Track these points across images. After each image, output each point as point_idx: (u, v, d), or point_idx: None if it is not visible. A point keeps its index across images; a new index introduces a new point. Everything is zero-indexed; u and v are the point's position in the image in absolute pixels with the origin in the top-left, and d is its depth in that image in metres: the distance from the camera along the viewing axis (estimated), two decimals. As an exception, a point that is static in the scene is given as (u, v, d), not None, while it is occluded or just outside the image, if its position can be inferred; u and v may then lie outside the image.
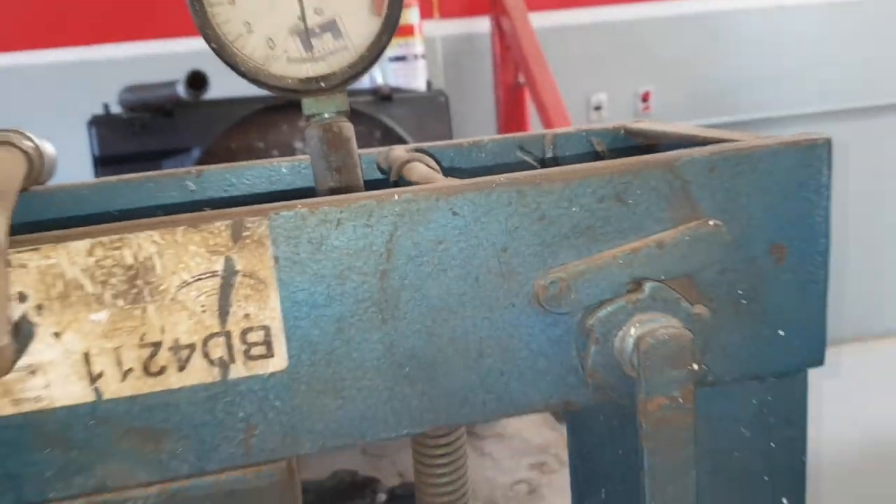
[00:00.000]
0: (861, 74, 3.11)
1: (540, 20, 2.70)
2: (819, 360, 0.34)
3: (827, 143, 0.31)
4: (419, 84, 2.00)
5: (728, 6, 3.21)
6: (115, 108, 1.43)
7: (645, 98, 3.31)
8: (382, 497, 1.24)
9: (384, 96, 1.60)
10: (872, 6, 3.12)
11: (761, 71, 3.27)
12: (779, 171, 0.31)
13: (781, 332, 0.33)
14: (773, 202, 0.32)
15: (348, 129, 0.39)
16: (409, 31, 2.31)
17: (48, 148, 0.40)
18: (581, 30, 3.06)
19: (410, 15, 2.31)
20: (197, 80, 1.31)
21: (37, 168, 0.38)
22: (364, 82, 2.56)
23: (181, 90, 1.31)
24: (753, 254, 0.32)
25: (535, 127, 2.67)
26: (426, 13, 2.62)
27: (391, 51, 2.31)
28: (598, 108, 3.31)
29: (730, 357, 0.33)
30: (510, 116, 2.73)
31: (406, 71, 2.31)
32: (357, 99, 1.64)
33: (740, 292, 0.32)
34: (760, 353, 0.33)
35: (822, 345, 0.33)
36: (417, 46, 2.34)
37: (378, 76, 2.35)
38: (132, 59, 2.23)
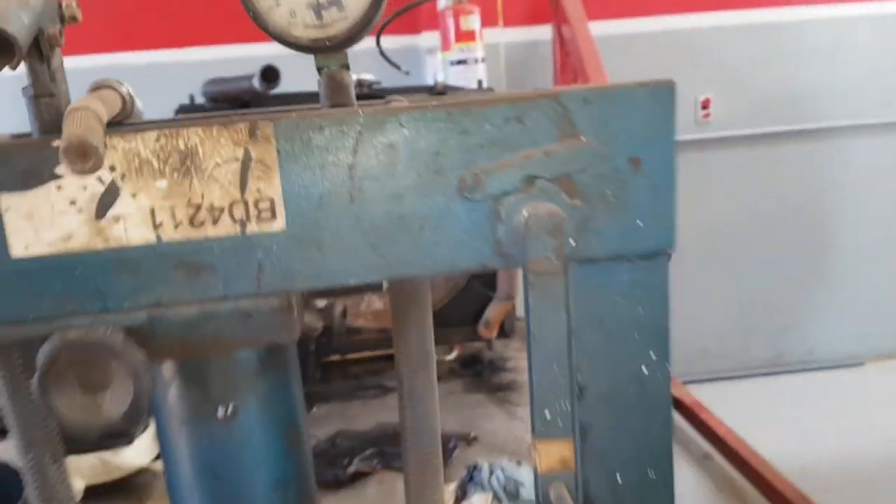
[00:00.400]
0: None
1: (602, 28, 2.81)
2: (670, 247, 0.46)
3: (671, 85, 0.44)
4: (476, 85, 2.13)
5: (792, 17, 3.24)
6: (199, 99, 1.63)
7: (705, 105, 3.37)
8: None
9: (438, 91, 1.74)
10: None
11: (823, 81, 3.29)
12: (635, 104, 0.44)
13: (640, 223, 0.45)
14: (631, 127, 0.44)
15: (348, 77, 0.53)
16: (470, 36, 2.46)
17: (137, 100, 0.55)
18: (642, 38, 3.16)
19: (472, 22, 2.46)
20: (270, 74, 1.50)
21: (128, 107, 0.54)
22: (427, 80, 2.71)
23: (256, 83, 1.49)
24: (617, 164, 0.45)
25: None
26: (491, 21, 2.77)
27: (453, 55, 2.46)
28: (658, 115, 3.38)
29: (601, 240, 0.46)
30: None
31: (466, 73, 2.46)
32: (416, 94, 1.79)
33: (608, 192, 0.45)
34: (625, 238, 0.46)
35: (671, 234, 0.46)
36: (478, 51, 2.49)
37: (440, 75, 2.50)
38: (217, 59, 2.46)
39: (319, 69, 0.53)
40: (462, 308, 1.81)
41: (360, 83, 1.62)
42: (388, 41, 1.91)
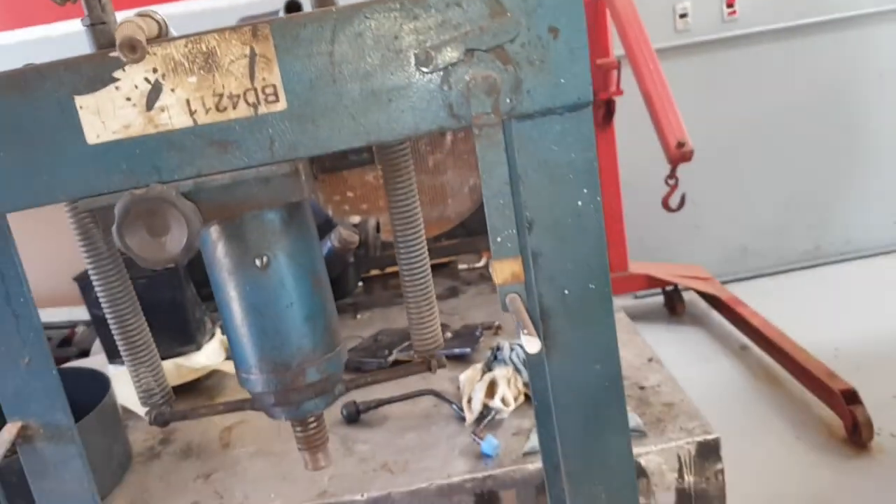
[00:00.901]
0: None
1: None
2: (589, 99, 0.58)
3: (574, -34, 0.55)
4: None
5: None
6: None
7: (730, 3, 3.36)
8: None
9: None
10: None
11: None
12: (548, -16, 0.56)
13: (563, 81, 0.57)
14: (541, 4, 0.56)
15: None
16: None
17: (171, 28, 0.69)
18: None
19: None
20: (293, 7, 1.62)
21: (163, 29, 0.67)
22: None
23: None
24: (540, 33, 0.57)
25: (613, 37, 2.83)
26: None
27: None
28: (683, 15, 3.40)
29: (532, 98, 0.58)
30: (591, 28, 2.88)
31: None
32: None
33: (534, 57, 0.57)
34: (552, 95, 0.58)
35: (588, 89, 0.58)
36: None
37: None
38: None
39: None
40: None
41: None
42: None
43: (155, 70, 0.57)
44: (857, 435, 2.23)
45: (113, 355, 1.47)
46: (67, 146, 0.58)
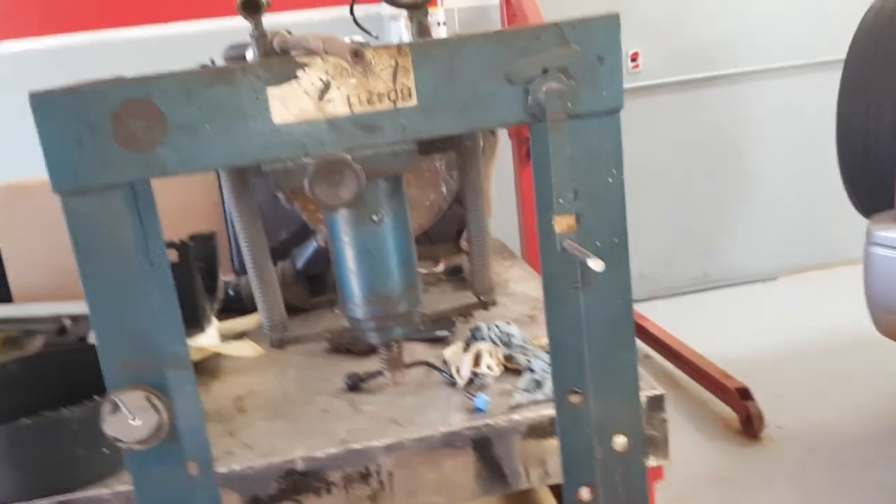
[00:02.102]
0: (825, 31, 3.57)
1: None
2: (620, 106, 0.85)
3: (617, 15, 0.83)
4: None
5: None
6: (220, 62, 1.96)
7: (634, 58, 3.81)
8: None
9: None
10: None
11: (735, 31, 3.75)
12: (599, 27, 0.83)
13: (604, 93, 0.85)
14: (597, 39, 0.83)
15: (428, 22, 0.90)
16: (433, 2, 2.83)
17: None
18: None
19: (433, -11, 2.83)
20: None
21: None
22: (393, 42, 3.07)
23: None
24: (591, 59, 0.84)
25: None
26: (448, -11, 3.14)
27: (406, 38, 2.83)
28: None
29: (584, 104, 0.85)
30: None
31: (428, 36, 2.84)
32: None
33: (587, 76, 0.84)
34: (596, 103, 0.85)
35: (620, 100, 0.85)
36: (439, 15, 2.85)
37: (405, 37, 2.87)
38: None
39: (410, 18, 0.91)
40: (446, 227, 2.18)
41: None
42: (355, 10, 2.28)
43: (327, 72, 0.80)
44: (750, 426, 2.60)
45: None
46: (258, 124, 0.80)
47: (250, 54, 0.91)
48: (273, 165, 0.82)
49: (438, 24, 2.91)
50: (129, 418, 0.80)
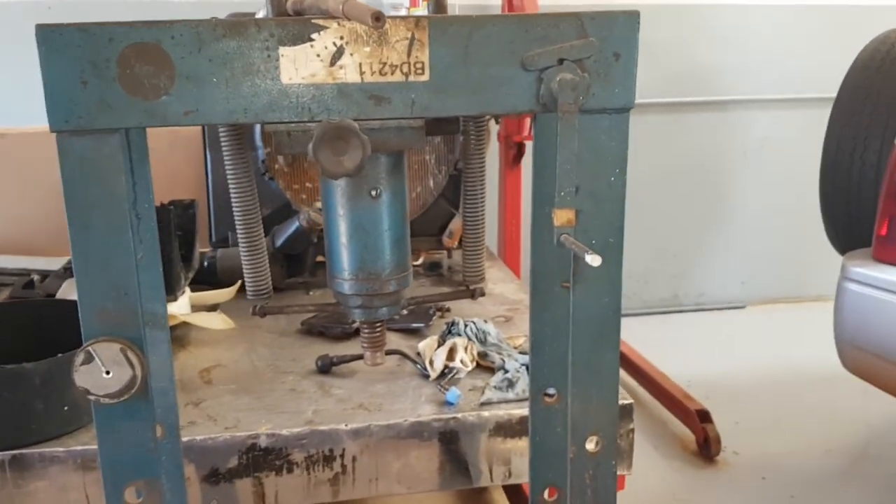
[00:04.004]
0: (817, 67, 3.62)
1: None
2: (631, 105, 0.85)
3: (637, 12, 0.82)
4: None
5: (703, 1, 3.71)
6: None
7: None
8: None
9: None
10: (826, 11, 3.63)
11: (727, 60, 3.79)
12: (618, 21, 0.82)
13: (617, 90, 0.84)
14: (616, 34, 0.83)
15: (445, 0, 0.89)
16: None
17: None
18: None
19: (436, -18, 2.81)
20: None
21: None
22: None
23: None
24: (608, 54, 0.83)
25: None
26: (448, -17, 3.12)
27: (420, 12, 2.81)
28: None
29: (596, 99, 0.84)
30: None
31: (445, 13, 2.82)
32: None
33: (602, 71, 0.83)
34: (608, 98, 0.84)
35: (632, 98, 0.84)
36: (440, 9, 2.83)
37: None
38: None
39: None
40: (429, 222, 2.17)
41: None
42: None
43: (342, 38, 0.79)
44: (707, 449, 2.61)
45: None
46: (266, 82, 0.78)
47: (262, 13, 0.89)
48: (276, 127, 0.80)
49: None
50: (102, 371, 0.77)
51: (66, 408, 1.25)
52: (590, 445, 0.94)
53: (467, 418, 1.37)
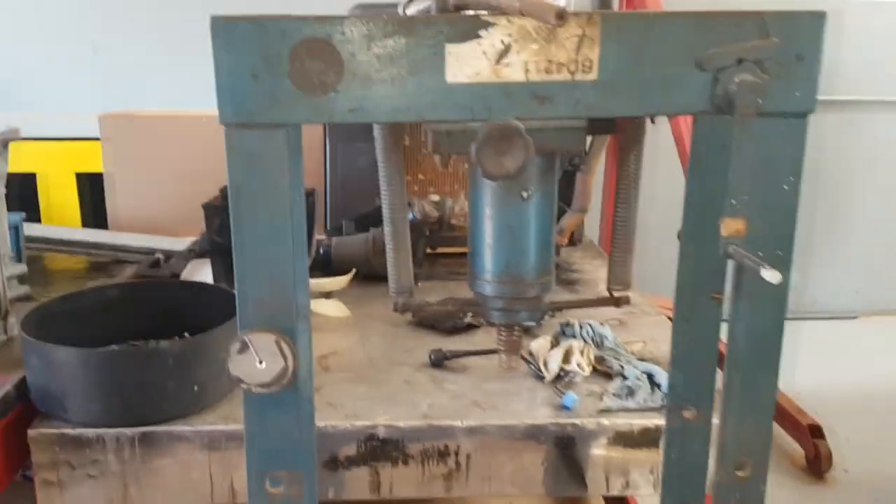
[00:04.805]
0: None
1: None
2: (812, 110, 0.79)
3: (824, 13, 0.77)
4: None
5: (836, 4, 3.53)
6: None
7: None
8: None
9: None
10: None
11: (857, 59, 3.58)
12: (803, 21, 0.77)
13: (797, 94, 0.78)
14: (799, 34, 0.77)
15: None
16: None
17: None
18: None
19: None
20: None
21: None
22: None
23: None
24: (790, 56, 0.77)
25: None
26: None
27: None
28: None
29: (775, 102, 0.78)
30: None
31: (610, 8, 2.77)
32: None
33: (783, 73, 0.78)
34: (788, 102, 0.79)
35: (814, 102, 0.79)
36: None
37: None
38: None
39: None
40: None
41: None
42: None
43: (510, 35, 0.76)
44: (817, 465, 2.50)
45: (218, 280, 1.62)
46: (430, 80, 0.76)
47: (412, 9, 0.87)
48: (436, 126, 0.78)
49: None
50: (256, 360, 0.77)
51: (195, 388, 1.28)
52: (740, 470, 0.89)
53: (586, 425, 1.33)
